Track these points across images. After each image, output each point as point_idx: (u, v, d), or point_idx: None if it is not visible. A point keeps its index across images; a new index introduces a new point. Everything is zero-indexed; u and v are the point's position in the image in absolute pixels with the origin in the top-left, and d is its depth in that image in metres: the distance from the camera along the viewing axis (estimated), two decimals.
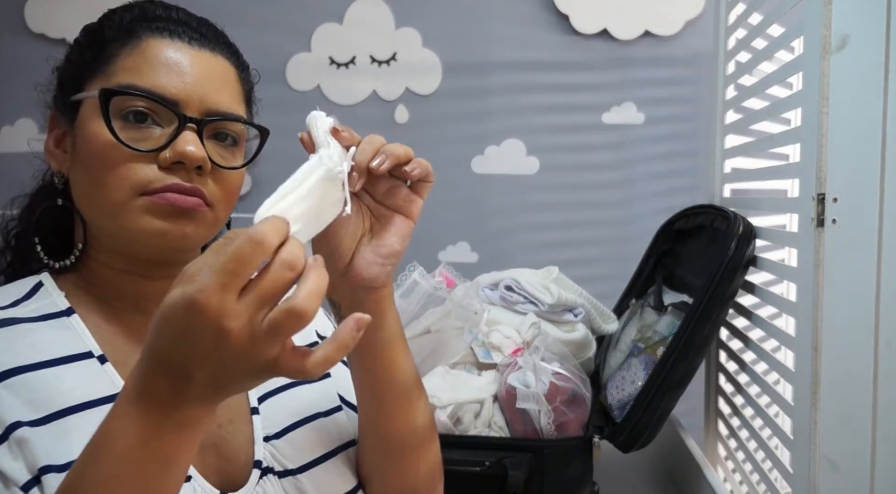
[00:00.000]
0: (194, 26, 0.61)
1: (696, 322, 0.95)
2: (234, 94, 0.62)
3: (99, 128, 0.56)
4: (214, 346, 0.41)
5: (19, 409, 0.51)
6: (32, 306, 0.58)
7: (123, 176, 0.56)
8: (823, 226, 0.71)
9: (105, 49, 0.59)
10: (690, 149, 1.62)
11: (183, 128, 0.57)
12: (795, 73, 0.85)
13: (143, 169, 0.56)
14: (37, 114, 2.00)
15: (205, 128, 0.58)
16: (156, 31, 0.59)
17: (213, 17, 0.64)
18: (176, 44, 0.59)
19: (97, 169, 0.56)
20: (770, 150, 1.13)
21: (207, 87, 0.59)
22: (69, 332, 0.57)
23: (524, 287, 1.15)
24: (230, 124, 0.61)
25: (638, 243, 1.32)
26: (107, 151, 0.56)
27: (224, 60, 0.62)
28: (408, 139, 1.84)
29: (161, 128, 0.57)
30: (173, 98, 0.57)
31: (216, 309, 0.40)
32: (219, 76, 0.61)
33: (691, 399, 1.15)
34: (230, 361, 0.41)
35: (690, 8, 1.57)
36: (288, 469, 0.61)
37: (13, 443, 0.50)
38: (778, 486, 0.90)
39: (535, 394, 0.94)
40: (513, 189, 1.68)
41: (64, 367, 0.55)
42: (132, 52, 0.58)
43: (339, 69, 1.70)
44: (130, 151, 0.56)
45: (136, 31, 0.58)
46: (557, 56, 1.64)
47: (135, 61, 0.57)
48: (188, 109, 0.57)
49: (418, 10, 1.67)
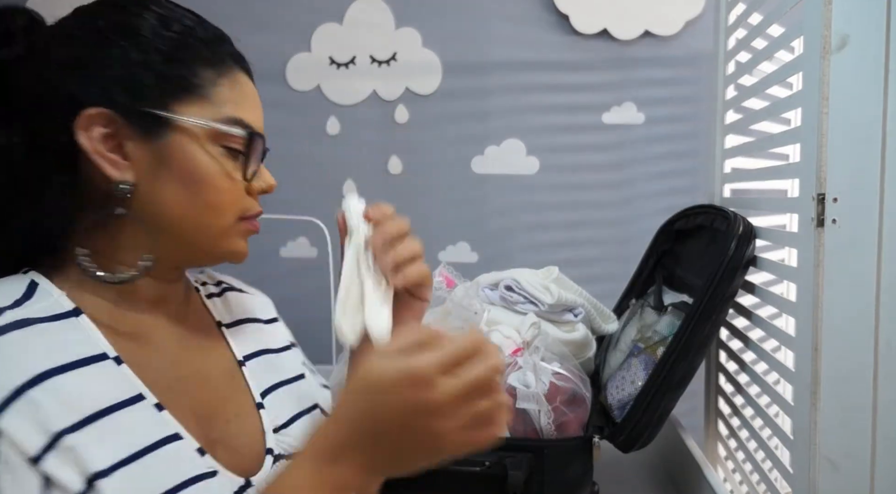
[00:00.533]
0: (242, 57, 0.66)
1: (696, 322, 0.95)
2: None
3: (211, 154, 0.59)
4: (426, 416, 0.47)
5: (60, 414, 0.50)
6: (38, 306, 0.55)
7: (232, 202, 0.61)
8: (823, 226, 0.71)
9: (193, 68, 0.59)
10: (690, 149, 1.62)
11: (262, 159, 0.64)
12: (795, 73, 0.85)
13: (241, 195, 0.62)
14: None
15: None
16: (235, 63, 0.63)
17: (214, 17, 0.64)
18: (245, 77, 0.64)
19: (208, 193, 0.60)
20: (770, 150, 1.13)
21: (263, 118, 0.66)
22: (80, 334, 0.56)
23: (524, 287, 1.15)
24: None
25: (638, 243, 1.32)
26: (216, 177, 0.60)
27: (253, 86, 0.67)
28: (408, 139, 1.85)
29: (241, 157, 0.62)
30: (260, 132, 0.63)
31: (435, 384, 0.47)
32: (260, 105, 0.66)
33: (691, 399, 1.15)
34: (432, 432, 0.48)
35: (690, 8, 1.57)
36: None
37: (61, 451, 0.49)
38: (778, 486, 0.90)
39: (535, 394, 0.94)
40: (513, 189, 1.69)
41: (85, 370, 0.54)
42: (227, 82, 0.61)
43: (339, 69, 1.70)
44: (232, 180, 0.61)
45: (225, 61, 0.61)
46: (557, 56, 1.64)
47: (236, 95, 0.62)
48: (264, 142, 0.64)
49: (418, 10, 1.67)
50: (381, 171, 1.70)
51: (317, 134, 1.70)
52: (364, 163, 1.70)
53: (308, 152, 1.69)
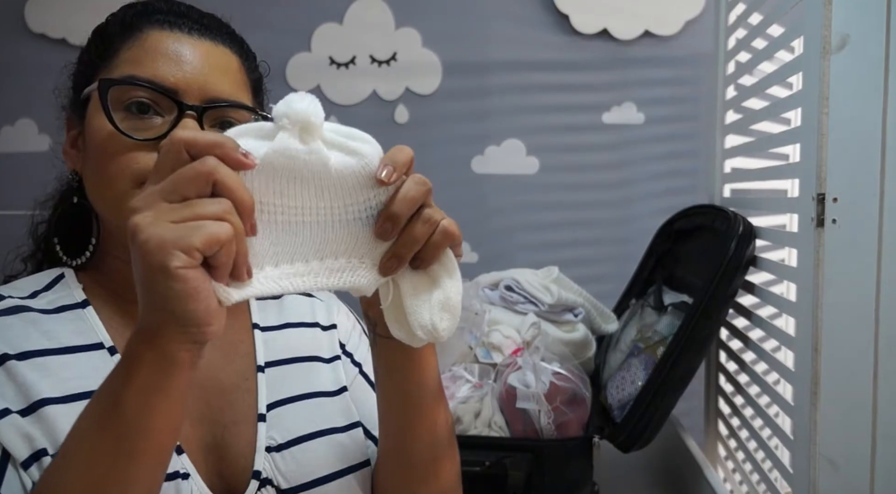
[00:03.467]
0: (195, 17, 0.62)
1: (696, 322, 0.95)
2: (236, 83, 0.62)
3: (101, 121, 0.56)
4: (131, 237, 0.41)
5: (44, 385, 0.52)
6: (50, 298, 0.58)
7: (124, 166, 0.56)
8: (823, 226, 0.71)
9: (110, 46, 0.60)
10: (690, 149, 1.62)
11: (182, 115, 0.56)
12: (795, 73, 0.85)
13: (143, 158, 0.56)
14: (37, 114, 1.99)
15: (206, 117, 0.58)
16: (156, 24, 0.59)
17: None
18: (175, 34, 0.59)
19: (101, 161, 0.57)
20: (770, 150, 1.13)
21: (208, 76, 0.59)
22: (83, 323, 0.58)
23: (524, 287, 1.15)
24: (233, 112, 0.60)
25: (638, 243, 1.32)
26: (108, 142, 0.56)
27: (226, 50, 0.62)
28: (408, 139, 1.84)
29: (162, 118, 0.57)
30: (172, 86, 0.57)
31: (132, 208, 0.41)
32: (220, 65, 0.60)
33: (691, 399, 1.15)
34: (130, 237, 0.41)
35: (690, 8, 1.57)
36: (281, 487, 0.58)
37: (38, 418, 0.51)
38: (778, 486, 0.90)
39: (535, 394, 0.94)
40: (513, 189, 1.69)
41: (74, 356, 0.55)
42: (133, 45, 0.59)
43: (339, 69, 1.70)
44: (132, 141, 0.56)
45: (138, 25, 0.59)
46: (557, 56, 1.64)
47: (135, 53, 0.58)
48: (188, 97, 0.57)
49: (418, 10, 1.67)
50: None
51: None
52: None
53: None
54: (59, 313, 0.58)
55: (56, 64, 0.65)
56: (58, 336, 0.56)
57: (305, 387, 0.65)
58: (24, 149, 1.71)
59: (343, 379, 0.68)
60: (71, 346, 0.56)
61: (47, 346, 0.55)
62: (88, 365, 0.55)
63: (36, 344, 0.54)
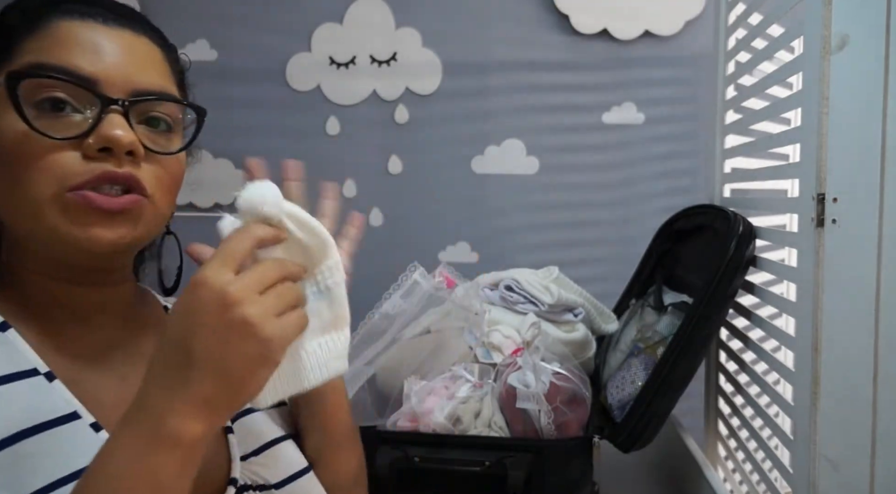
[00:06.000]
0: (108, 6, 0.56)
1: (696, 322, 0.95)
2: (163, 75, 0.57)
3: (10, 120, 0.49)
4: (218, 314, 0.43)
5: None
6: None
7: (43, 169, 0.49)
8: (823, 226, 0.71)
9: (9, 38, 0.52)
10: (690, 149, 1.62)
11: (107, 110, 0.51)
12: (795, 73, 0.85)
13: (65, 159, 0.49)
14: None
15: (133, 112, 0.52)
16: (65, 14, 0.53)
17: (214, 18, 0.64)
18: (89, 23, 0.53)
19: (12, 165, 0.50)
20: (770, 150, 1.13)
21: (131, 67, 0.53)
22: (8, 347, 0.51)
23: (524, 287, 1.15)
24: (161, 106, 0.55)
25: (638, 243, 1.32)
26: (21, 143, 0.49)
27: (147, 40, 0.56)
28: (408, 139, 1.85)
29: (82, 114, 0.51)
30: (91, 76, 0.51)
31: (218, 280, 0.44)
32: (143, 55, 0.55)
33: (691, 399, 1.15)
34: (234, 330, 0.43)
35: (690, 8, 1.57)
36: (269, 483, 0.60)
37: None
38: (778, 486, 0.90)
39: (535, 394, 0.94)
40: (513, 189, 1.69)
41: (9, 386, 0.49)
42: (39, 35, 0.51)
43: (339, 69, 1.69)
44: (50, 142, 0.49)
45: (44, 15, 0.52)
46: (557, 56, 1.64)
47: (43, 43, 0.51)
48: (111, 90, 0.51)
49: (418, 10, 1.67)
50: (381, 171, 1.70)
51: (317, 134, 1.69)
52: (364, 163, 1.70)
53: (308, 152, 1.69)
54: None
55: None
56: None
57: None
58: None
59: None
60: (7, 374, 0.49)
61: None
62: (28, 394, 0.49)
63: None
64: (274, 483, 0.61)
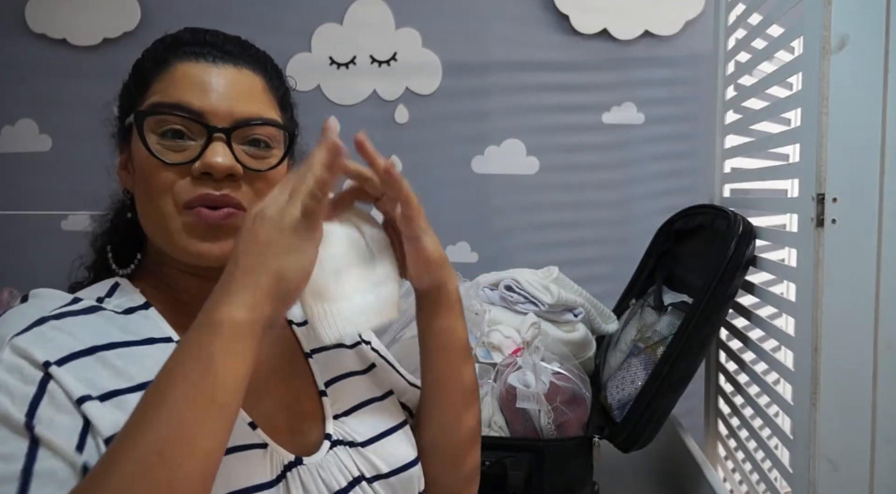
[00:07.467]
0: (219, 45, 0.67)
1: (696, 322, 0.95)
2: (262, 102, 0.67)
3: (140, 147, 0.63)
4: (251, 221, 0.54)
5: (114, 379, 0.56)
6: (115, 302, 0.64)
7: (164, 189, 0.62)
8: (823, 226, 0.71)
9: (145, 80, 0.66)
10: (690, 149, 1.62)
11: (211, 139, 0.62)
12: (795, 73, 0.85)
13: (178, 182, 0.62)
14: (37, 115, 1.98)
15: (235, 137, 0.64)
16: (183, 56, 0.65)
17: (214, 17, 0.65)
18: (201, 64, 0.65)
19: (145, 184, 0.63)
20: (770, 150, 1.14)
21: (234, 99, 0.64)
22: (150, 321, 0.64)
23: (524, 287, 1.15)
24: (260, 129, 0.66)
25: (638, 243, 1.32)
26: (147, 167, 0.62)
27: (249, 72, 0.68)
28: (408, 139, 1.84)
29: (195, 141, 0.63)
30: (199, 110, 0.62)
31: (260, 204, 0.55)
32: (245, 88, 0.66)
33: (691, 399, 1.15)
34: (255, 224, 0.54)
35: (690, 8, 1.57)
36: (357, 441, 0.68)
37: (114, 404, 0.55)
38: (778, 486, 0.90)
39: (535, 394, 0.94)
40: (513, 189, 1.69)
41: (151, 346, 0.61)
42: (163, 77, 0.64)
43: (339, 69, 1.70)
44: (168, 166, 0.62)
45: (168, 59, 0.65)
46: (557, 56, 1.64)
47: (165, 85, 0.64)
48: (215, 120, 0.63)
49: (418, 10, 1.67)
50: None
51: (317, 134, 1.69)
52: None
53: (308, 152, 1.68)
54: (128, 315, 0.63)
55: (56, 64, 0.66)
56: (134, 330, 0.61)
57: (343, 369, 0.75)
58: (25, 149, 1.71)
59: (369, 359, 0.80)
60: (149, 338, 0.61)
61: (128, 339, 0.60)
62: (163, 355, 0.59)
63: (118, 337, 0.59)
64: (360, 442, 0.68)
